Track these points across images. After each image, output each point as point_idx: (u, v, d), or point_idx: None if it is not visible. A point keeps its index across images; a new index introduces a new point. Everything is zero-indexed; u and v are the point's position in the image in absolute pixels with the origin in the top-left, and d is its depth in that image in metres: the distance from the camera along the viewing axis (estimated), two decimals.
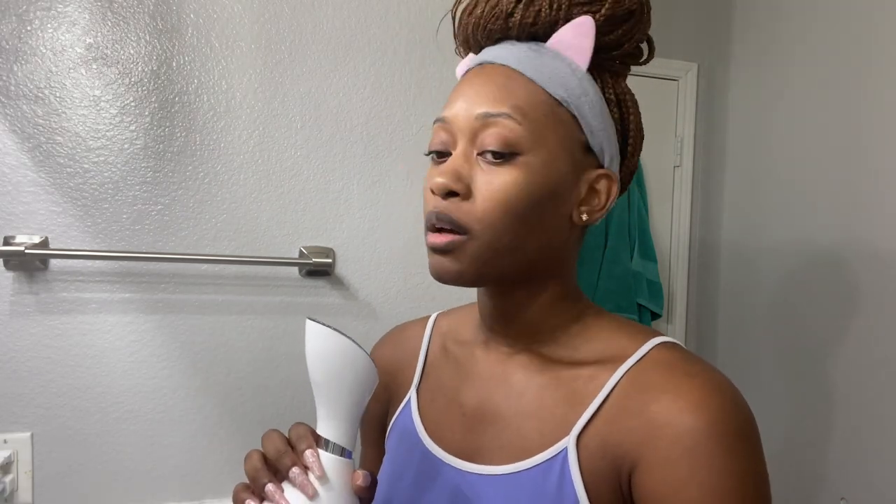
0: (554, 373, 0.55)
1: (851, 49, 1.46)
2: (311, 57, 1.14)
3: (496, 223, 0.50)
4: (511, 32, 0.54)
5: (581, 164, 0.54)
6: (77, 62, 1.03)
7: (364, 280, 1.18)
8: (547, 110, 0.51)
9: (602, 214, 0.55)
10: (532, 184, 0.51)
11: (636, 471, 0.48)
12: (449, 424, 0.60)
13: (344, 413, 0.49)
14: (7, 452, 1.01)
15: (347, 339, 0.48)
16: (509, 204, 0.50)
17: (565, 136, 0.52)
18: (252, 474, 0.48)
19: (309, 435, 0.48)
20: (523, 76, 0.52)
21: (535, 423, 0.54)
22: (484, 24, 0.55)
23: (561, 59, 0.53)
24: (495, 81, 0.52)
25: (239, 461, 1.12)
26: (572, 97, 0.52)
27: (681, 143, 2.08)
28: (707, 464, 0.46)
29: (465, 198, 0.51)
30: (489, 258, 0.52)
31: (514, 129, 0.50)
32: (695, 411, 0.47)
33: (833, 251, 1.49)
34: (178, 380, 1.09)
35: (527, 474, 0.52)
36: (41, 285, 1.03)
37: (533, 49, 0.53)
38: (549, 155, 0.51)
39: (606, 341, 0.55)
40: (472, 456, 0.57)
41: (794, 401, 1.60)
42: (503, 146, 0.50)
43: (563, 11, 0.52)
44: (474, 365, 0.61)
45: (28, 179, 1.02)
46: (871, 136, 1.40)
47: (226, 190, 1.11)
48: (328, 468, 0.47)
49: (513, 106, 0.50)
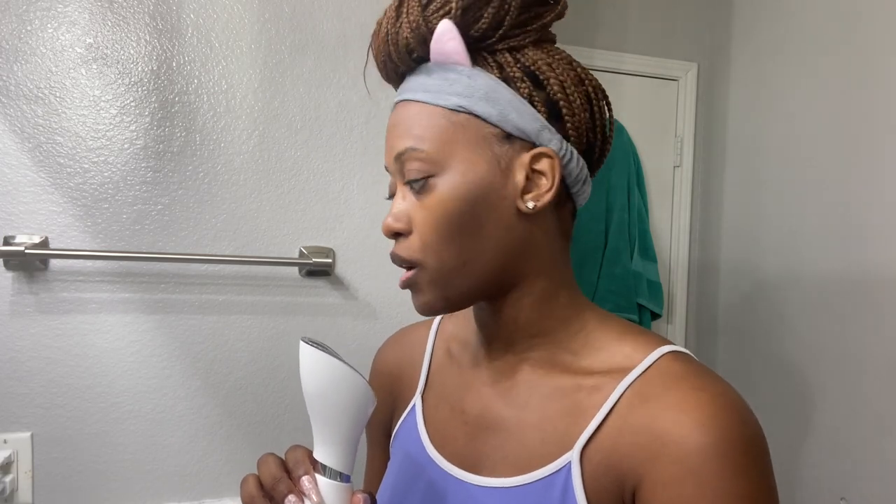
0: (557, 382, 0.54)
1: (851, 49, 1.46)
2: (311, 57, 1.14)
3: (436, 247, 0.52)
4: (401, 68, 0.55)
5: (506, 156, 0.52)
6: (77, 62, 1.03)
7: (364, 280, 1.18)
8: (444, 123, 0.51)
9: (552, 195, 0.52)
10: (455, 199, 0.51)
11: (640, 488, 0.47)
12: (452, 433, 0.59)
13: (340, 437, 0.48)
14: (7, 452, 1.01)
15: (343, 363, 0.47)
16: (441, 225, 0.51)
17: (473, 139, 0.51)
18: (248, 501, 0.47)
19: (306, 459, 0.47)
20: (419, 103, 0.53)
21: (538, 435, 0.53)
22: (383, 69, 0.57)
23: (447, 69, 0.53)
24: (400, 120, 0.54)
25: (239, 461, 1.13)
26: (463, 99, 0.51)
27: (681, 143, 2.08)
28: (713, 484, 0.44)
29: (408, 234, 0.53)
30: (444, 282, 0.53)
31: (419, 156, 0.51)
32: (702, 428, 0.45)
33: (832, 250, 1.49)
34: (178, 380, 1.09)
35: (530, 488, 0.51)
36: (41, 285, 1.03)
37: (423, 72, 0.54)
38: (463, 164, 0.51)
39: (611, 349, 0.54)
40: (474, 466, 0.56)
41: (794, 401, 1.60)
42: (418, 177, 0.52)
43: (423, 28, 0.52)
44: (478, 371, 0.60)
45: (28, 179, 1.02)
46: (870, 135, 1.40)
47: (226, 190, 1.11)
48: (326, 494, 0.46)
49: (413, 137, 0.52)
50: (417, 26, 0.52)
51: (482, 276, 0.53)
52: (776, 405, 1.66)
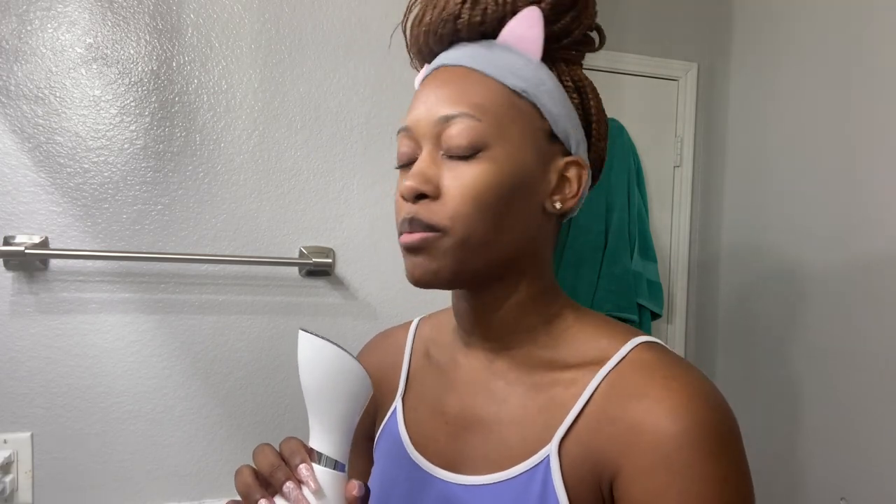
0: (535, 378, 0.55)
1: (851, 49, 1.46)
2: (311, 57, 1.14)
3: (468, 218, 0.50)
4: (461, 34, 0.54)
5: (548, 153, 0.54)
6: (77, 62, 1.03)
7: (364, 280, 1.18)
8: (506, 102, 0.52)
9: (576, 202, 0.55)
10: (500, 175, 0.51)
11: (617, 478, 0.48)
12: (433, 434, 0.59)
13: (337, 425, 0.48)
14: (7, 452, 1.01)
15: (341, 349, 0.47)
16: (479, 198, 0.50)
17: (527, 127, 0.52)
18: (244, 490, 0.47)
19: (302, 449, 0.48)
20: (478, 73, 0.52)
21: (517, 431, 0.54)
22: (434, 30, 0.55)
23: (513, 52, 0.53)
24: (451, 83, 0.52)
25: (239, 461, 1.13)
26: (530, 87, 0.52)
27: (681, 143, 2.08)
28: (685, 471, 0.45)
29: (435, 198, 0.51)
30: (463, 254, 0.51)
31: (475, 126, 0.50)
32: (673, 417, 0.46)
33: (833, 250, 1.49)
34: (178, 380, 1.09)
35: (510, 483, 0.52)
36: (41, 285, 1.03)
37: (484, 46, 0.53)
38: (514, 146, 0.51)
39: (586, 343, 0.55)
40: (456, 466, 0.56)
41: (794, 400, 1.60)
42: (467, 144, 0.50)
43: (508, 6, 0.53)
44: (456, 371, 0.61)
45: (28, 179, 1.02)
46: (870, 135, 1.40)
47: (226, 190, 1.11)
48: (322, 482, 0.46)
49: (471, 104, 0.51)
50: (504, 2, 0.53)
51: (495, 260, 0.53)
52: (776, 405, 1.66)
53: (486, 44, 0.54)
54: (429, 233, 0.51)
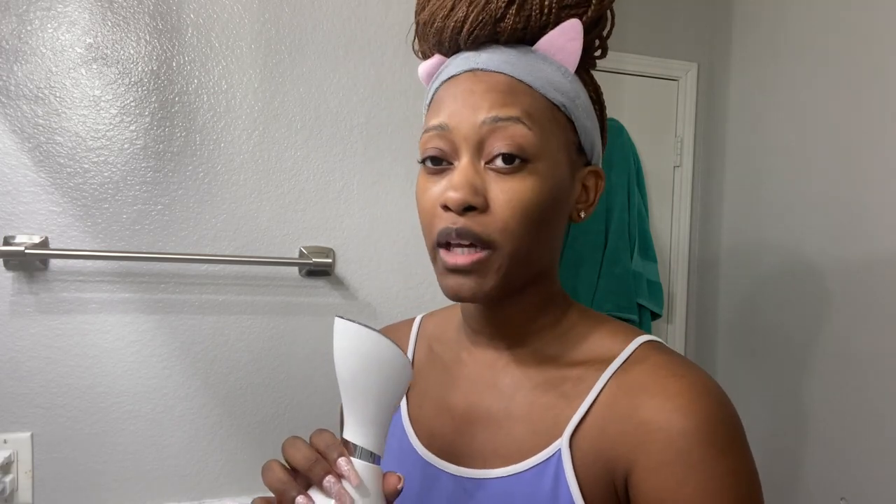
0: (543, 374, 0.56)
1: (851, 49, 1.46)
2: (311, 57, 1.14)
3: (516, 233, 0.49)
4: (500, 37, 0.52)
5: (576, 165, 0.55)
6: (77, 62, 1.03)
7: (364, 280, 1.18)
8: (549, 116, 0.52)
9: (591, 210, 0.57)
10: (544, 191, 0.50)
11: (632, 474, 0.49)
12: (440, 429, 0.60)
13: (375, 416, 0.46)
14: (7, 452, 1.01)
15: (381, 335, 0.45)
16: (528, 212, 0.49)
17: (564, 140, 0.53)
18: (278, 487, 0.44)
19: (338, 442, 0.46)
20: (522, 83, 0.51)
21: (526, 426, 0.54)
22: (470, 29, 0.52)
23: (550, 63, 0.52)
24: (499, 87, 0.50)
25: (239, 461, 1.13)
26: (567, 101, 0.53)
27: (681, 143, 2.08)
28: (700, 466, 0.46)
29: (483, 210, 0.49)
30: (510, 270, 0.51)
31: (526, 134, 0.49)
32: (685, 413, 0.47)
33: (833, 250, 1.49)
34: (178, 380, 1.09)
35: (521, 477, 0.52)
36: (41, 285, 1.03)
37: (523, 54, 0.52)
38: (554, 161, 0.51)
39: (592, 341, 0.56)
40: (465, 460, 0.57)
41: (794, 400, 1.60)
42: (516, 151, 0.49)
43: (552, 15, 0.52)
44: (461, 368, 0.61)
45: (28, 179, 1.02)
46: (871, 135, 1.40)
47: (226, 190, 1.11)
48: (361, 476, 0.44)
49: (522, 111, 0.49)
50: (549, 12, 0.52)
51: (534, 271, 0.54)
52: (776, 405, 1.66)
53: (523, 50, 0.52)
54: (478, 252, 0.50)
